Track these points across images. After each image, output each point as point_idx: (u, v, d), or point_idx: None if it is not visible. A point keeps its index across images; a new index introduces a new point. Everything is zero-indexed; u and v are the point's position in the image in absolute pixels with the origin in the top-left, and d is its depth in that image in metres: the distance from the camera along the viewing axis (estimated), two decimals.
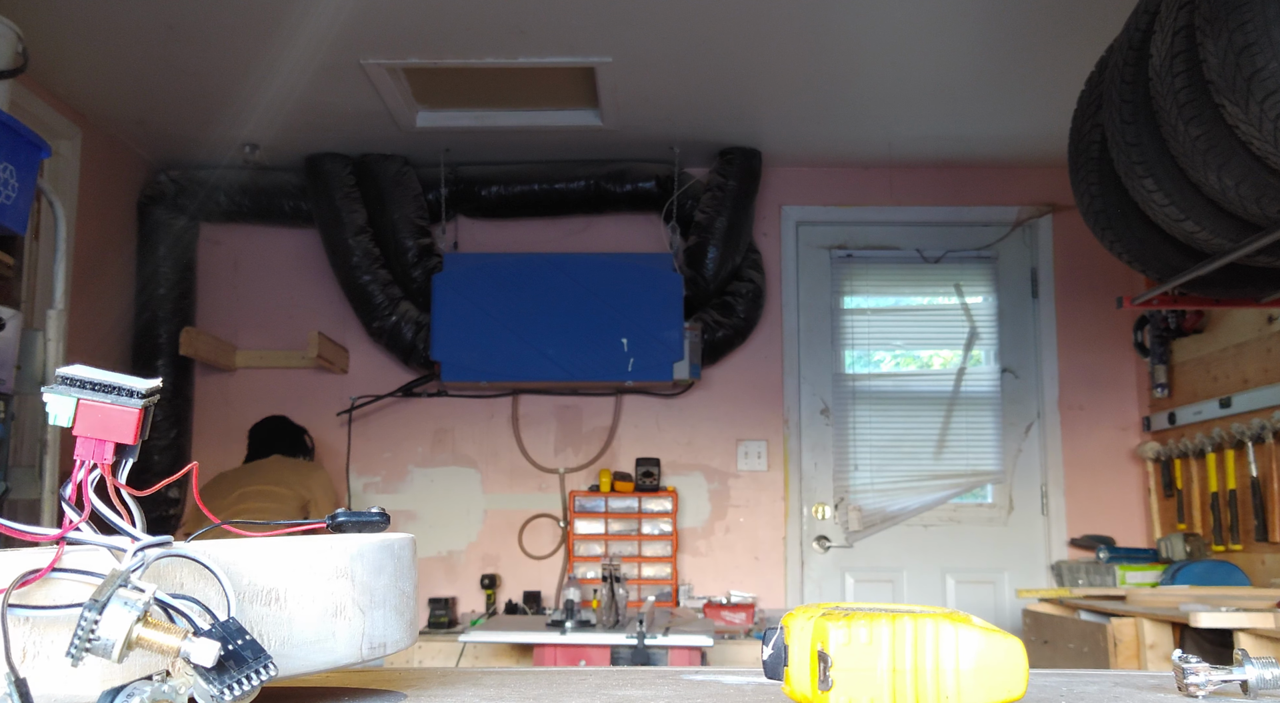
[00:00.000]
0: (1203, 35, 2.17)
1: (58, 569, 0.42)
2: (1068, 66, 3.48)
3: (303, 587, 0.48)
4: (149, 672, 0.40)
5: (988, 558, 4.62)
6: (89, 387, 0.44)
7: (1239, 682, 0.53)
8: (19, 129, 2.44)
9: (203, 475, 4.09)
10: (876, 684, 0.44)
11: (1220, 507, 3.98)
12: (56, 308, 2.72)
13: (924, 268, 4.80)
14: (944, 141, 4.48)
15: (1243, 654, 0.54)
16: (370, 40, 3.56)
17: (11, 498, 2.60)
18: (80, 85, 3.88)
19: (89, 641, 0.38)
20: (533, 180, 4.57)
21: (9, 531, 0.47)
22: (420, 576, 4.44)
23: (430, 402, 4.70)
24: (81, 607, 0.39)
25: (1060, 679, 0.64)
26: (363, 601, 0.51)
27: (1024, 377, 4.73)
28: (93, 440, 0.44)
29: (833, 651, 0.44)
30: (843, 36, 3.55)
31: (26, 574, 0.41)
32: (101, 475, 0.45)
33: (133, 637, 0.39)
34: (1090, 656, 3.26)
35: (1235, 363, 3.99)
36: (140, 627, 0.39)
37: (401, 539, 0.57)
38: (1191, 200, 2.54)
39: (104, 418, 0.44)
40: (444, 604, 4.39)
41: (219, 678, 0.39)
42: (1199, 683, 0.54)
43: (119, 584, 0.39)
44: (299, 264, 4.76)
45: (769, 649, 0.48)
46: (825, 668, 0.44)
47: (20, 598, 0.41)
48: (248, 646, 0.41)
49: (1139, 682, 0.63)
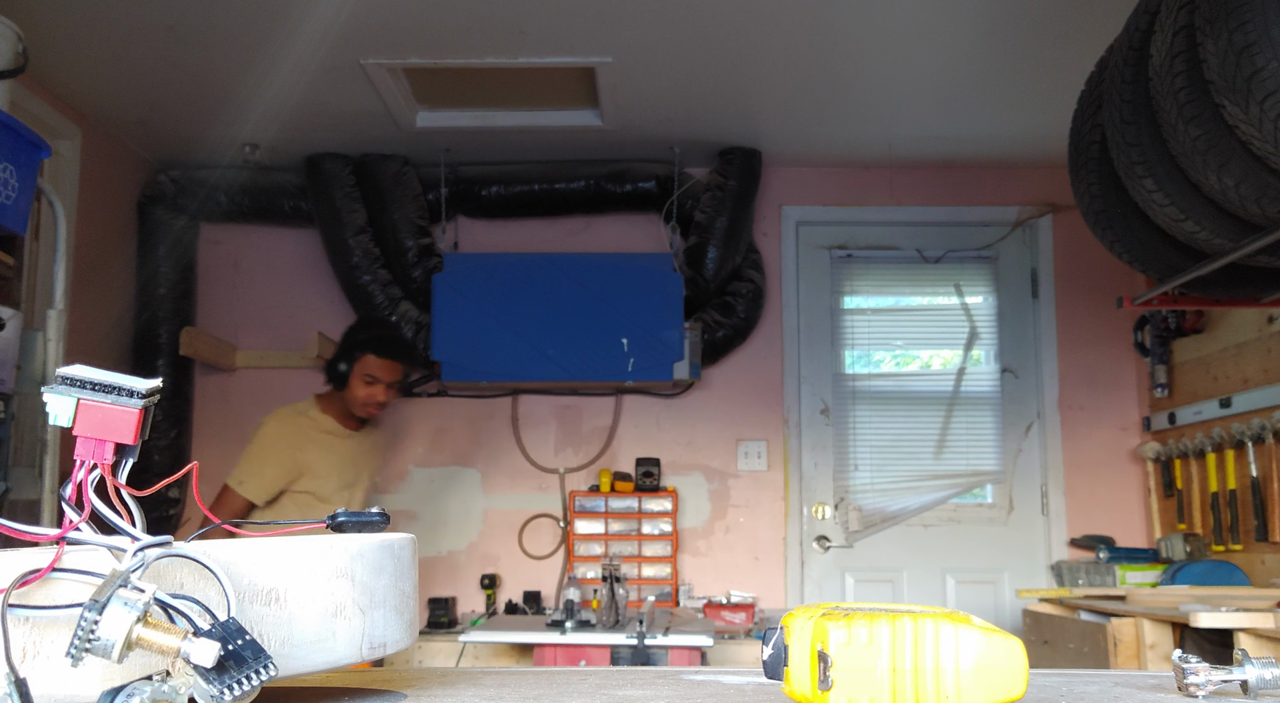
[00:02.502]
0: (1203, 35, 2.17)
1: (58, 569, 0.42)
2: (1068, 66, 3.48)
3: (303, 587, 0.48)
4: (149, 672, 0.40)
5: (988, 558, 4.62)
6: (89, 387, 0.44)
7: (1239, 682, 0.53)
8: (19, 129, 2.43)
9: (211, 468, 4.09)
10: (876, 684, 0.44)
11: (1220, 507, 3.98)
12: (56, 308, 2.72)
13: (924, 268, 4.80)
14: (944, 141, 4.48)
15: (1243, 654, 0.54)
16: (370, 40, 3.56)
17: (11, 498, 2.59)
18: (80, 85, 3.88)
19: (89, 641, 0.38)
20: (533, 180, 4.57)
21: (9, 530, 0.47)
22: (420, 576, 4.42)
23: (430, 402, 4.70)
24: (81, 607, 0.39)
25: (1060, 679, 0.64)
26: (363, 601, 0.51)
27: (1024, 377, 4.73)
28: (93, 440, 0.44)
29: (833, 651, 0.44)
30: (843, 37, 3.55)
31: (26, 574, 0.41)
32: (101, 475, 0.45)
33: (133, 637, 0.39)
34: (1090, 656, 3.26)
35: (1235, 363, 3.99)
36: (140, 627, 0.39)
37: (401, 539, 0.57)
38: (1191, 200, 2.53)
39: (104, 418, 0.44)
40: (444, 604, 4.39)
41: (219, 678, 0.39)
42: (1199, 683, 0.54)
43: (119, 584, 0.39)
44: (299, 264, 4.76)
45: (769, 649, 0.48)
46: (825, 668, 0.44)
47: (20, 598, 0.41)
48: (248, 646, 0.41)
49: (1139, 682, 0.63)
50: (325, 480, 3.50)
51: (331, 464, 3.53)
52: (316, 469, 3.49)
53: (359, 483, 3.67)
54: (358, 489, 3.66)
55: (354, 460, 3.63)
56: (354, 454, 3.62)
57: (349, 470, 3.60)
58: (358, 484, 3.66)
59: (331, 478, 3.53)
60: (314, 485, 3.48)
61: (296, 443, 3.47)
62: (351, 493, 3.61)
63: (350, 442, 3.61)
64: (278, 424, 3.48)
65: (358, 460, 3.65)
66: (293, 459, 3.44)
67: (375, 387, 3.51)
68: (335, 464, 3.54)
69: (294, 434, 3.48)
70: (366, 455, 3.71)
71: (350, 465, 3.61)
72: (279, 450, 3.43)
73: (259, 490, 3.38)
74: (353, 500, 3.62)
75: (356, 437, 3.64)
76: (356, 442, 3.64)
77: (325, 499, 3.47)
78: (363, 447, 3.68)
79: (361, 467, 3.68)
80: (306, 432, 3.50)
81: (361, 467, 3.68)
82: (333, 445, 3.54)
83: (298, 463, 3.46)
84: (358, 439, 3.65)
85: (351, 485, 3.62)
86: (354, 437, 3.62)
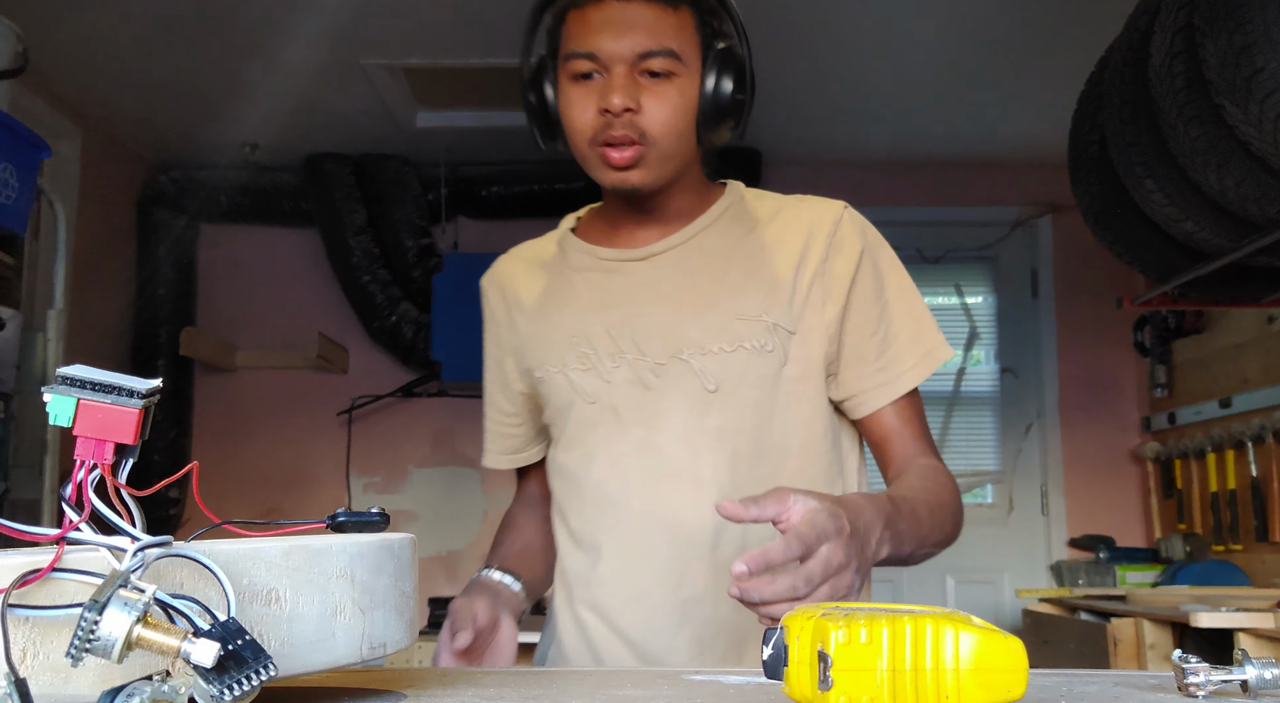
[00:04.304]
0: (1202, 35, 2.17)
1: (58, 569, 0.42)
2: (1068, 66, 3.48)
3: (303, 587, 0.48)
4: (149, 672, 0.40)
5: (988, 558, 4.62)
6: (89, 387, 0.44)
7: (1239, 682, 0.53)
8: (19, 129, 2.44)
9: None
10: (876, 685, 0.44)
11: (1220, 507, 3.98)
12: (56, 308, 2.72)
13: (924, 268, 4.80)
14: (944, 141, 4.48)
15: (1243, 654, 0.54)
16: (370, 40, 3.56)
17: (11, 498, 2.60)
18: (80, 85, 3.88)
19: (89, 641, 0.38)
20: (533, 180, 4.57)
21: (9, 530, 0.47)
22: (420, 576, 4.43)
23: (430, 402, 4.70)
24: (81, 607, 0.39)
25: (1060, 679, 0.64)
26: (363, 601, 0.51)
27: (1024, 377, 4.73)
28: (93, 440, 0.45)
29: (833, 651, 0.44)
30: (843, 36, 3.55)
31: (26, 574, 0.41)
32: (101, 475, 0.45)
33: (133, 637, 0.39)
34: (1090, 656, 3.25)
35: (1235, 363, 3.99)
36: (140, 627, 0.39)
37: (401, 539, 0.57)
38: (1191, 200, 2.54)
39: (104, 418, 0.44)
40: (444, 604, 4.39)
41: (219, 678, 0.39)
42: (1199, 683, 0.54)
43: (119, 584, 0.39)
44: (299, 264, 4.76)
45: (769, 649, 0.48)
46: (825, 668, 0.44)
47: (20, 598, 0.41)
48: (248, 646, 0.41)
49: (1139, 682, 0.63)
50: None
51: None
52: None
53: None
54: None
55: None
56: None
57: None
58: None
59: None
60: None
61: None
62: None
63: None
64: None
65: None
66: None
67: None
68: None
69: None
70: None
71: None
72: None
73: None
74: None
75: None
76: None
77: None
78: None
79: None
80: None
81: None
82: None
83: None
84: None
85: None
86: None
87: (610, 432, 1.32)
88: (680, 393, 1.29)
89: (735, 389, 1.28)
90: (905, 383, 1.34)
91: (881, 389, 1.33)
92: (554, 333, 1.39)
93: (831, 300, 1.30)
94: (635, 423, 1.30)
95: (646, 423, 1.30)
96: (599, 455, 1.33)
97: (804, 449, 1.31)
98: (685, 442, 1.28)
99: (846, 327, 1.31)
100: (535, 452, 1.59)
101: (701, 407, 1.28)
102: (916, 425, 1.37)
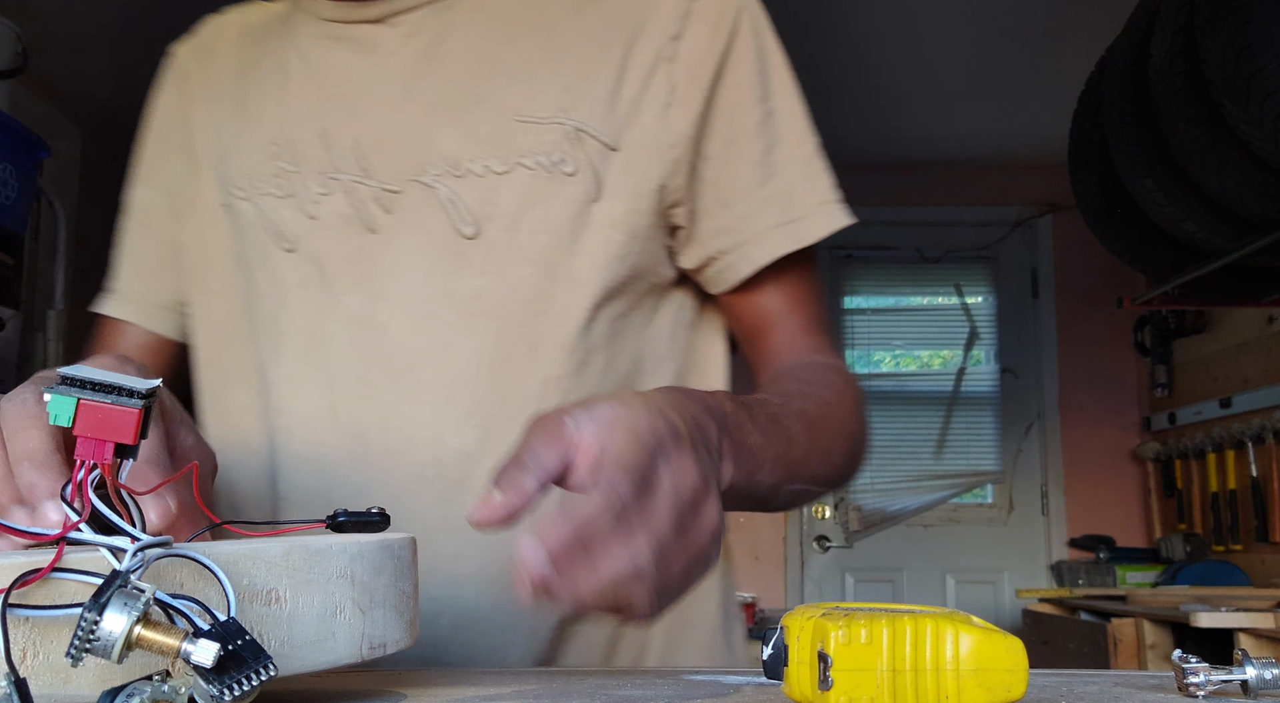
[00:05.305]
0: (1202, 35, 2.17)
1: (58, 569, 0.42)
2: (1068, 66, 3.48)
3: (303, 587, 0.48)
4: (149, 672, 0.40)
5: (988, 558, 4.62)
6: (89, 387, 0.44)
7: (1239, 682, 0.53)
8: (19, 129, 2.44)
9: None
10: (876, 685, 0.44)
11: (1220, 507, 3.98)
12: (56, 308, 2.73)
13: (924, 268, 4.80)
14: (944, 141, 4.48)
15: (1243, 654, 0.54)
16: None
17: None
18: (80, 86, 3.88)
19: (89, 641, 0.38)
20: None
21: (9, 531, 0.47)
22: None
23: None
24: (81, 607, 0.39)
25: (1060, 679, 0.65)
26: (363, 601, 0.51)
27: (1024, 377, 4.73)
28: (93, 440, 0.44)
29: (833, 651, 0.44)
30: (843, 36, 3.55)
31: (26, 574, 0.41)
32: (101, 475, 0.45)
33: (133, 637, 0.39)
34: (1090, 656, 3.26)
35: (1235, 363, 3.99)
36: (140, 627, 0.39)
37: (401, 539, 0.57)
38: (1191, 200, 2.54)
39: (104, 418, 0.44)
40: None
41: (219, 678, 0.39)
42: (1199, 683, 0.54)
43: (119, 584, 0.39)
44: None
45: (769, 649, 0.48)
46: (825, 668, 0.44)
47: (20, 598, 0.41)
48: (248, 646, 0.41)
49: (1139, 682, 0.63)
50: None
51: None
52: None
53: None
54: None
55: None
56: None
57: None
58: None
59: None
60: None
61: None
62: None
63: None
64: None
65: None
66: None
67: None
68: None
69: None
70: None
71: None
72: None
73: None
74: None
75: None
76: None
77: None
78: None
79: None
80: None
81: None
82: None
83: None
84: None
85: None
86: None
87: (310, 300, 0.84)
88: (419, 238, 0.81)
89: (509, 233, 0.80)
90: (801, 233, 0.86)
91: (761, 241, 0.85)
92: (250, 138, 0.89)
93: (681, 101, 0.83)
94: (348, 286, 0.83)
95: (364, 286, 0.82)
96: (290, 339, 0.85)
97: (624, 338, 0.85)
98: (423, 318, 0.81)
99: (706, 146, 0.85)
100: (167, 318, 1.06)
101: (452, 260, 0.81)
102: (808, 310, 0.91)
